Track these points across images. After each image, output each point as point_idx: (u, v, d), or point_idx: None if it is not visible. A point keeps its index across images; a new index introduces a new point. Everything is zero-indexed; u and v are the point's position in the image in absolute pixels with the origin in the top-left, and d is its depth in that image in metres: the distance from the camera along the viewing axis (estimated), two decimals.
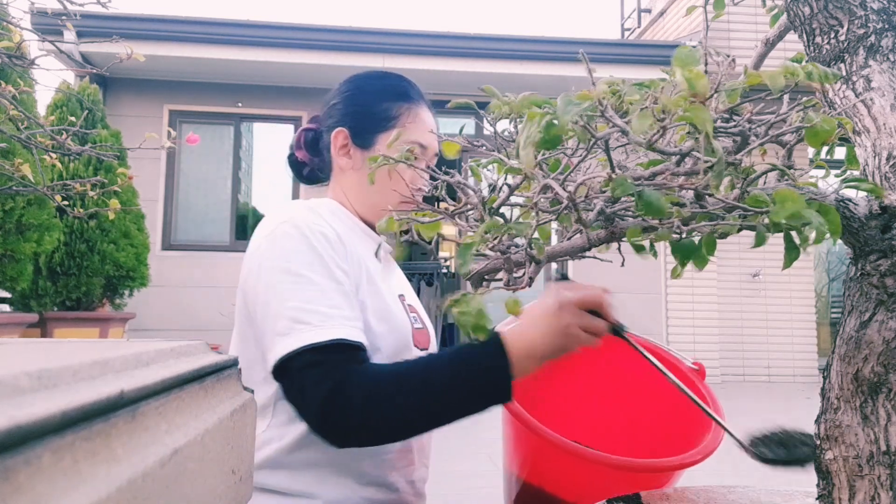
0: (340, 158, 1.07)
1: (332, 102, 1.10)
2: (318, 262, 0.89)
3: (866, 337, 0.66)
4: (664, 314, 6.81)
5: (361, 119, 1.06)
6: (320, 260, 0.89)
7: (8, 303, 4.38)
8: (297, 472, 0.92)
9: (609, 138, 0.53)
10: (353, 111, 1.07)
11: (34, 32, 2.04)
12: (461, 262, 0.59)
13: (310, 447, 0.91)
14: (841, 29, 0.75)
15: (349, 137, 1.06)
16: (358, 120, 1.06)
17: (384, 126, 1.05)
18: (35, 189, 2.18)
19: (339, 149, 1.07)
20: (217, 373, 0.44)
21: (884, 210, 0.63)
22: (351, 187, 1.07)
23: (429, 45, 6.35)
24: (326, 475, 0.92)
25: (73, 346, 0.41)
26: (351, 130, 1.06)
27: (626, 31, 10.39)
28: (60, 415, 0.24)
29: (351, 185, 1.07)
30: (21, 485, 0.21)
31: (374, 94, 1.08)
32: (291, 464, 0.92)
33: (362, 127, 1.06)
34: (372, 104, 1.06)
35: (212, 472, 0.38)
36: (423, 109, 1.08)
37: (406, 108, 1.06)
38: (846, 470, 0.67)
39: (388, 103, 1.06)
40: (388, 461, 0.96)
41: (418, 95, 1.09)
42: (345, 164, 1.07)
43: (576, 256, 0.62)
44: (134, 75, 6.41)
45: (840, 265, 7.72)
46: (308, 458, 0.92)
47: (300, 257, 0.89)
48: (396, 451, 0.97)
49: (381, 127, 1.05)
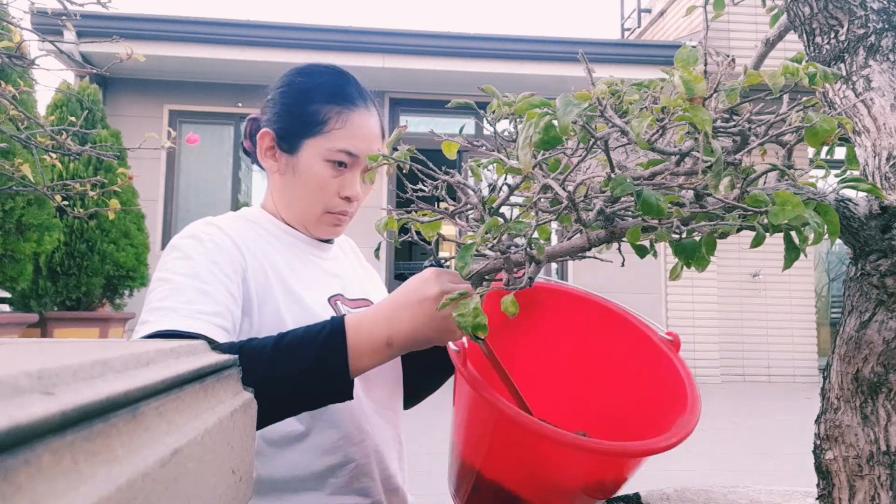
0: (266, 160, 1.03)
1: (268, 97, 1.05)
2: (185, 265, 0.87)
3: (866, 337, 0.66)
4: (664, 314, 6.81)
5: (288, 121, 1.00)
6: (189, 261, 0.87)
7: (8, 303, 4.38)
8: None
9: (609, 138, 0.53)
10: (281, 111, 1.01)
11: (34, 32, 2.04)
12: (461, 263, 0.59)
13: (259, 456, 0.90)
14: (841, 29, 0.75)
15: (274, 140, 1.01)
16: (285, 121, 1.01)
17: (310, 131, 0.98)
18: (35, 189, 2.18)
19: (265, 151, 1.02)
20: (217, 373, 0.44)
21: (884, 210, 0.63)
22: (277, 190, 1.04)
23: (429, 45, 6.35)
24: (284, 491, 0.91)
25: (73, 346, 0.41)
26: (277, 133, 1.01)
27: (626, 31, 10.39)
28: (60, 415, 0.24)
29: (277, 189, 1.04)
30: (21, 485, 0.21)
31: (303, 94, 1.01)
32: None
33: (288, 130, 1.00)
34: (300, 105, 1.00)
35: (212, 472, 0.38)
36: (359, 113, 0.99)
37: (336, 112, 0.98)
38: (846, 470, 0.67)
39: (317, 105, 0.99)
40: (345, 468, 0.94)
41: (357, 96, 1.01)
42: (270, 166, 1.03)
43: (576, 256, 0.62)
44: (134, 75, 6.41)
45: (840, 265, 7.72)
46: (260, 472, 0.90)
47: (172, 264, 0.88)
48: (353, 461, 0.95)
49: (308, 132, 0.98)
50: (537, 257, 0.59)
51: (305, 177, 1.00)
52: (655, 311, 6.76)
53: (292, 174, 1.01)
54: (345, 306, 1.02)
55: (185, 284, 0.85)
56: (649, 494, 0.86)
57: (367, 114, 1.01)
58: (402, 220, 0.72)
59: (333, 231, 1.04)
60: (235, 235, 0.95)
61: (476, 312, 0.59)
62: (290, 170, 1.01)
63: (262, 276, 0.94)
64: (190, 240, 0.91)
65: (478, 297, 0.60)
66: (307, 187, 1.00)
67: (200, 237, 0.91)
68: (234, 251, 0.92)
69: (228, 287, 0.88)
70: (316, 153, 0.98)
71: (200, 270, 0.87)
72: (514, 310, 0.60)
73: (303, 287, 0.97)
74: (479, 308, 0.59)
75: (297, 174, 1.00)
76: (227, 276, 0.89)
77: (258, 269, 0.94)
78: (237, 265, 0.91)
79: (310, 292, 0.98)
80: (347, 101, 1.00)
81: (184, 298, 0.83)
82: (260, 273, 0.94)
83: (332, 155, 0.98)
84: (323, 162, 0.98)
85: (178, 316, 0.81)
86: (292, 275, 0.98)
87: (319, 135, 0.98)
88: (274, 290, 0.94)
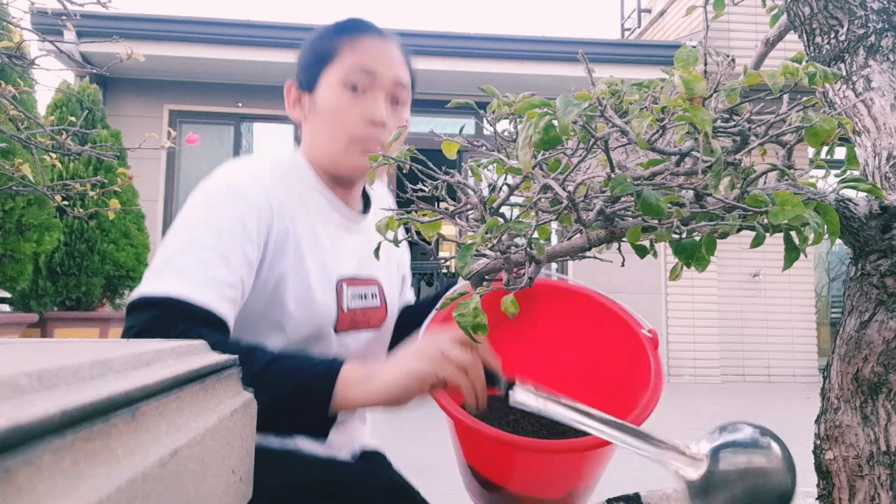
0: (294, 111, 1.03)
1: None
2: (212, 218, 0.86)
3: (866, 337, 0.66)
4: (664, 314, 6.81)
5: (306, 64, 1.01)
6: (217, 216, 0.86)
7: (8, 303, 4.38)
8: None
9: (609, 138, 0.53)
10: (300, 61, 1.02)
11: (34, 32, 2.04)
12: (461, 263, 0.59)
13: None
14: (841, 29, 0.75)
15: (297, 88, 1.02)
16: (304, 66, 1.01)
17: (324, 63, 0.98)
18: (35, 189, 2.18)
19: (292, 103, 1.03)
20: (217, 373, 0.44)
21: (884, 210, 0.63)
22: (307, 139, 1.02)
23: (429, 45, 6.35)
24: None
25: (73, 346, 0.41)
26: (298, 80, 1.02)
27: (626, 31, 10.39)
28: (60, 415, 0.24)
29: (307, 137, 1.02)
30: (21, 485, 0.21)
31: (318, 37, 1.01)
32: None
33: (305, 71, 1.01)
34: (314, 46, 1.01)
35: (212, 472, 0.38)
36: (371, 38, 0.98)
37: (348, 39, 0.97)
38: (846, 470, 0.67)
39: (329, 40, 0.99)
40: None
41: (370, 27, 1.00)
42: (297, 115, 1.03)
43: (576, 256, 0.62)
44: (134, 75, 6.41)
45: (840, 265, 7.72)
46: None
47: (201, 212, 0.86)
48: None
49: (322, 65, 0.98)
50: (537, 257, 0.59)
51: (325, 106, 0.98)
52: (655, 311, 6.76)
53: (315, 112, 0.99)
54: (350, 288, 1.00)
55: (205, 243, 0.84)
56: (649, 494, 0.86)
57: (382, 40, 1.00)
58: (402, 219, 0.71)
59: (364, 162, 0.98)
60: (271, 191, 0.92)
61: (476, 312, 0.59)
62: (313, 108, 1.00)
63: (283, 239, 0.92)
64: (226, 190, 0.89)
65: (478, 297, 0.60)
66: (328, 117, 0.97)
67: (237, 190, 0.89)
68: (266, 210, 0.90)
69: (248, 252, 0.86)
70: (331, 81, 0.97)
71: (225, 229, 0.85)
72: (514, 310, 0.60)
73: (316, 264, 0.95)
74: (479, 308, 0.59)
75: (318, 109, 0.99)
76: (250, 240, 0.87)
77: (282, 230, 0.92)
78: (264, 226, 0.89)
79: (321, 272, 0.96)
80: (358, 30, 0.99)
81: (200, 260, 0.82)
82: (282, 234, 0.92)
83: (346, 76, 0.96)
84: (339, 87, 0.97)
85: (190, 282, 0.80)
86: (311, 245, 0.95)
87: (332, 63, 0.98)
88: (288, 256, 0.92)
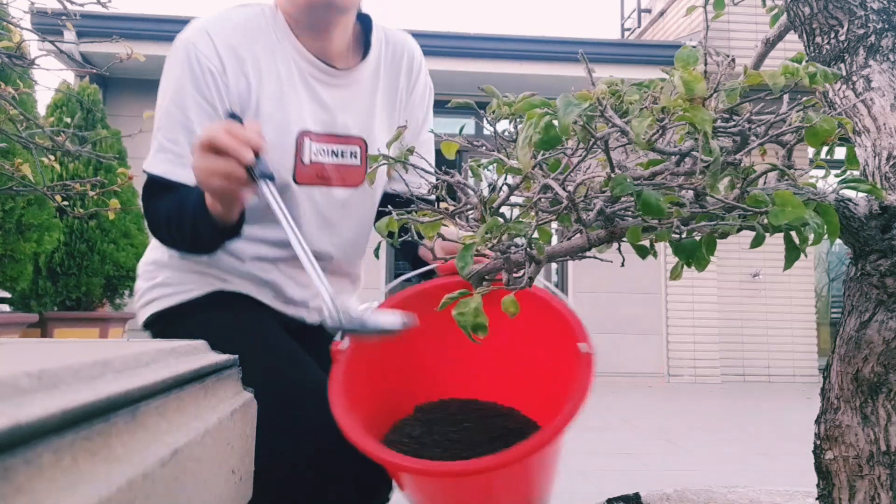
0: None
1: None
2: (176, 91, 0.98)
3: (866, 337, 0.66)
4: (664, 314, 6.81)
5: None
6: (179, 90, 0.97)
7: (8, 303, 4.37)
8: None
9: (609, 138, 0.53)
10: None
11: (34, 32, 2.04)
12: (461, 263, 0.59)
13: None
14: (841, 29, 0.75)
15: None
16: None
17: None
18: (35, 189, 2.17)
19: None
20: (217, 373, 0.44)
21: (884, 210, 0.63)
22: None
23: (429, 45, 6.31)
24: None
25: (73, 346, 0.41)
26: None
27: (626, 31, 10.38)
28: (60, 415, 0.24)
29: None
30: (21, 485, 0.21)
31: None
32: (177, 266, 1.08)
33: None
34: None
35: (212, 471, 0.38)
36: None
37: None
38: (846, 470, 0.67)
39: None
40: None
41: None
42: None
43: (576, 256, 0.62)
44: (134, 75, 6.40)
45: (840, 265, 7.72)
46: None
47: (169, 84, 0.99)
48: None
49: None
50: (537, 257, 0.59)
51: None
52: (655, 311, 6.76)
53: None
54: (317, 143, 1.04)
55: (174, 117, 0.98)
56: (649, 494, 0.86)
57: None
58: (402, 220, 0.71)
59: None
60: (226, 48, 0.99)
61: (476, 312, 0.59)
62: None
63: (245, 89, 1.00)
64: (184, 60, 0.98)
65: (479, 296, 0.60)
66: None
67: (191, 64, 0.98)
68: (221, 74, 0.98)
69: (212, 118, 0.97)
70: None
71: (188, 103, 0.97)
72: (514, 310, 0.60)
73: (272, 112, 1.01)
74: (479, 308, 0.59)
75: None
76: (213, 107, 0.98)
77: (243, 84, 0.99)
78: (222, 91, 0.98)
79: (277, 121, 1.01)
80: None
81: (171, 135, 0.97)
82: (243, 86, 0.99)
83: None
84: None
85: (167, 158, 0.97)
86: (271, 94, 1.01)
87: None
88: (251, 105, 0.99)
